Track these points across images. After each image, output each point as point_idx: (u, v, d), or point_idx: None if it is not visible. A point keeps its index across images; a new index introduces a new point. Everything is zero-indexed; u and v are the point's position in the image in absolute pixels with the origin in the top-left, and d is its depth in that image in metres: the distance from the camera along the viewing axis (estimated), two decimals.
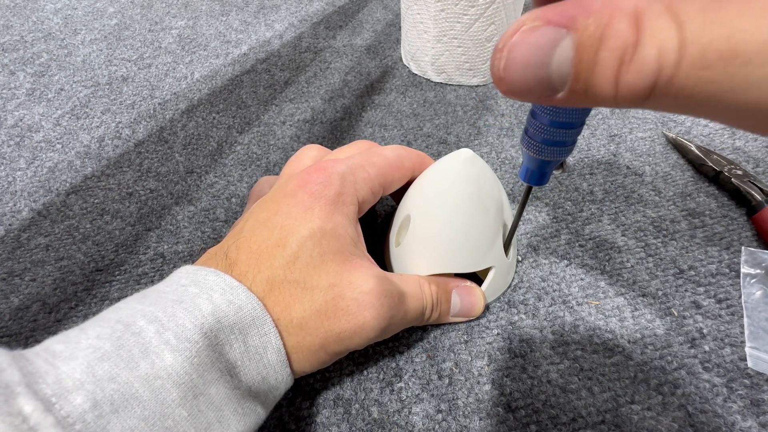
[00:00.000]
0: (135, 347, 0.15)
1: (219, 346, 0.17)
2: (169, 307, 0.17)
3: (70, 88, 0.48)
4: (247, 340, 0.18)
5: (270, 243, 0.20)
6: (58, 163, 0.38)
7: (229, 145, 0.40)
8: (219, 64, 0.52)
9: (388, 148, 0.26)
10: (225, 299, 0.18)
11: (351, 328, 0.19)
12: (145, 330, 0.16)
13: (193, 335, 0.16)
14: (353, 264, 0.20)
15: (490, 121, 0.41)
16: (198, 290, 0.18)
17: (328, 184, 0.22)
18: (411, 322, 0.23)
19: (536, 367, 0.23)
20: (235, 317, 0.17)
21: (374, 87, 0.47)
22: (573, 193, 0.33)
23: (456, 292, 0.24)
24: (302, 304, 0.19)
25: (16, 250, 0.31)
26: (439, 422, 0.22)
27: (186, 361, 0.16)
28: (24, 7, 0.67)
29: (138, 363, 0.15)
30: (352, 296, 0.20)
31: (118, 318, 0.16)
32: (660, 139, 0.38)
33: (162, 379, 0.15)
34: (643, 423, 0.21)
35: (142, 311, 0.17)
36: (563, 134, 0.17)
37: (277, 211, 0.21)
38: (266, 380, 0.18)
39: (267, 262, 0.19)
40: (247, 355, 0.18)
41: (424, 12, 0.43)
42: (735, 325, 0.25)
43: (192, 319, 0.16)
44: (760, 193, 0.30)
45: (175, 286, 0.18)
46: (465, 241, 0.23)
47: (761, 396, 0.22)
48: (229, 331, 0.17)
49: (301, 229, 0.20)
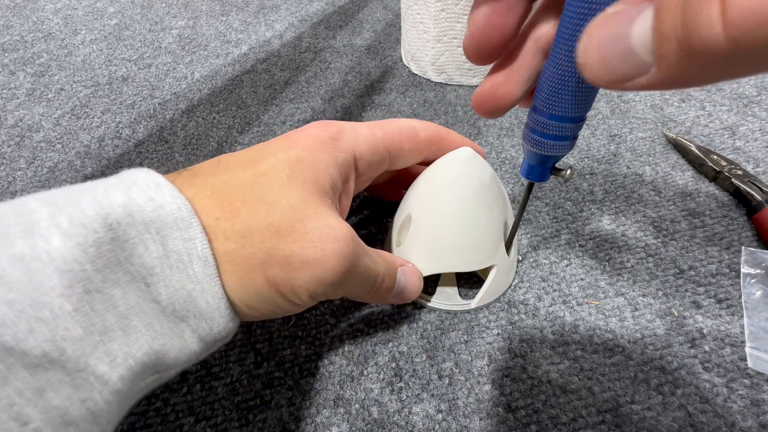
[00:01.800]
0: (15, 226, 0.13)
1: (129, 244, 0.14)
2: (75, 193, 0.14)
3: (70, 88, 0.48)
4: (166, 243, 0.15)
5: (242, 160, 0.19)
6: (58, 163, 0.38)
7: (229, 145, 0.40)
8: (219, 64, 0.52)
9: (404, 119, 0.25)
10: (145, 195, 0.15)
11: (305, 255, 0.17)
12: (36, 211, 0.13)
13: (92, 223, 0.14)
14: (323, 200, 0.19)
15: (490, 121, 0.41)
16: (117, 182, 0.16)
17: (325, 128, 0.21)
18: (359, 287, 0.20)
19: (536, 367, 0.23)
20: (152, 215, 0.15)
21: (374, 87, 0.47)
22: (573, 193, 0.33)
23: (401, 270, 0.23)
24: (254, 214, 0.17)
25: None
26: (439, 422, 0.22)
27: (77, 248, 0.13)
28: (24, 7, 0.67)
29: (14, 242, 0.13)
30: (315, 225, 0.17)
31: (13, 201, 0.14)
32: (660, 139, 0.38)
33: (41, 262, 0.13)
34: (643, 423, 0.21)
35: (42, 195, 0.14)
36: (564, 129, 0.17)
37: (267, 142, 0.20)
38: (193, 299, 0.16)
39: (228, 171, 0.18)
40: (167, 261, 0.15)
41: (424, 12, 0.43)
42: (735, 325, 0.25)
43: (96, 207, 0.14)
44: (760, 193, 0.30)
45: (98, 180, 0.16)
46: (467, 239, 0.23)
47: (761, 396, 0.22)
48: (144, 229, 0.15)
49: (277, 153, 0.19)
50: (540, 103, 0.17)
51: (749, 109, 0.41)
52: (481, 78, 0.46)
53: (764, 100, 0.42)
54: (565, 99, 0.16)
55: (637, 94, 0.44)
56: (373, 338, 0.25)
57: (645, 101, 0.43)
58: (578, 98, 0.16)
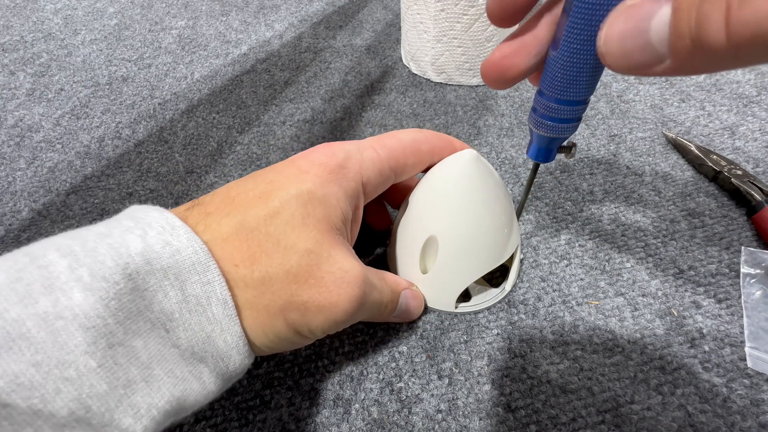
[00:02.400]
0: (37, 281, 0.13)
1: (149, 292, 0.15)
2: (91, 241, 0.14)
3: (70, 88, 0.48)
4: (185, 287, 0.15)
5: (252, 193, 0.18)
6: (58, 163, 0.38)
7: (229, 145, 0.40)
8: (219, 64, 0.52)
9: (404, 131, 0.24)
10: (161, 239, 0.15)
11: (320, 301, 0.18)
12: (55, 264, 0.13)
13: (112, 275, 0.14)
14: (335, 238, 0.19)
15: (490, 121, 0.41)
16: (132, 224, 0.15)
17: (331, 155, 0.20)
18: (369, 315, 0.21)
19: (536, 367, 0.23)
20: (170, 260, 0.15)
21: (374, 87, 0.47)
22: (573, 193, 0.33)
23: (404, 294, 0.23)
24: (271, 260, 0.17)
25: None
26: (439, 422, 0.22)
27: (99, 302, 0.13)
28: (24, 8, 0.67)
29: (37, 299, 0.12)
30: (329, 269, 0.18)
31: (28, 250, 0.14)
32: (660, 139, 0.38)
33: (65, 320, 0.12)
34: (643, 423, 0.21)
35: (58, 244, 0.14)
36: (569, 111, 0.18)
37: (271, 170, 0.20)
38: (212, 340, 0.16)
39: (241, 208, 0.18)
40: (186, 306, 0.15)
41: (424, 12, 0.43)
42: (735, 325, 0.25)
43: (115, 257, 0.14)
44: (760, 193, 0.30)
45: (110, 220, 0.16)
46: (492, 240, 0.24)
47: (761, 396, 0.22)
48: (162, 276, 0.15)
49: (289, 187, 0.18)
50: (546, 87, 0.18)
51: (749, 109, 0.41)
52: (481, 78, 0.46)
53: (764, 100, 0.42)
54: (571, 84, 0.17)
55: (637, 94, 0.44)
56: (373, 338, 0.25)
57: (645, 101, 0.43)
58: (584, 83, 0.17)
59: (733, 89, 0.43)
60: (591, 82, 0.17)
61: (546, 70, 0.17)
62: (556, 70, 0.17)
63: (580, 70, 0.16)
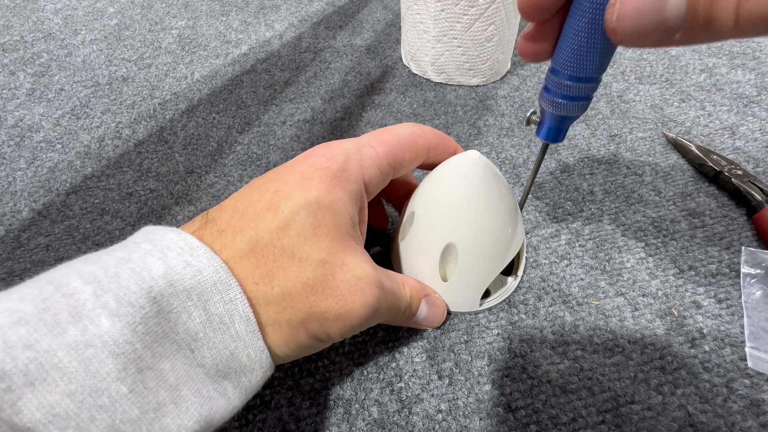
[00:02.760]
0: (64, 310, 0.13)
1: (173, 314, 0.15)
2: (113, 266, 0.14)
3: (70, 88, 0.48)
4: (208, 307, 0.16)
5: (260, 206, 0.18)
6: (58, 163, 0.38)
7: (229, 145, 0.40)
8: (219, 64, 0.52)
9: (400, 125, 0.24)
10: (181, 260, 0.15)
11: (337, 309, 0.18)
12: (80, 291, 0.13)
13: (138, 299, 0.14)
14: (348, 245, 0.19)
15: (490, 121, 0.41)
16: (151, 247, 0.16)
17: (331, 158, 0.20)
18: (386, 319, 0.22)
19: (536, 367, 0.23)
20: (192, 281, 0.15)
21: (374, 87, 0.47)
22: (573, 193, 0.33)
23: (425, 300, 0.23)
24: (288, 274, 0.17)
25: (16, 250, 0.31)
26: (439, 422, 0.22)
27: (127, 328, 0.13)
28: (24, 8, 0.67)
29: (65, 329, 0.13)
30: (343, 278, 0.18)
31: (51, 278, 0.14)
32: (660, 139, 0.38)
33: (95, 348, 0.13)
34: (643, 423, 0.21)
35: (80, 270, 0.14)
36: (581, 89, 0.18)
37: (273, 178, 0.20)
38: (236, 356, 0.16)
39: (252, 223, 0.18)
40: (210, 325, 0.16)
41: (424, 12, 0.43)
42: (735, 325, 0.25)
43: (138, 281, 0.14)
44: (760, 193, 0.30)
45: (127, 244, 0.16)
46: (505, 240, 0.24)
47: (761, 396, 0.22)
48: (186, 297, 0.15)
49: (296, 197, 0.18)
50: (559, 64, 0.18)
51: (749, 109, 0.41)
52: (482, 78, 0.46)
53: (764, 100, 0.42)
54: (585, 61, 0.17)
55: (637, 94, 0.44)
56: (374, 338, 0.25)
57: (645, 101, 0.43)
58: (599, 60, 0.17)
59: (733, 89, 0.43)
60: (604, 58, 0.17)
61: (558, 47, 0.18)
62: (567, 46, 0.17)
63: (590, 45, 0.16)
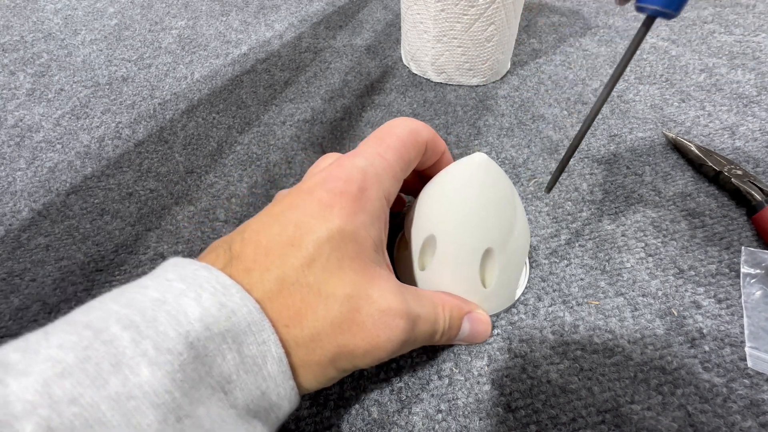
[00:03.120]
0: (105, 359, 0.13)
1: (209, 358, 0.15)
2: (149, 309, 0.15)
3: (70, 88, 0.48)
4: (242, 349, 0.16)
5: (282, 240, 0.18)
6: (58, 164, 0.38)
7: (229, 145, 0.40)
8: (219, 64, 0.52)
9: (396, 124, 0.23)
10: (216, 301, 0.15)
11: (364, 346, 0.18)
12: (119, 338, 0.14)
13: (176, 345, 0.14)
14: (372, 274, 0.19)
15: (490, 121, 0.41)
16: (184, 287, 0.16)
17: (348, 180, 0.19)
18: (420, 344, 0.21)
19: (536, 367, 0.23)
20: (227, 323, 0.15)
21: (374, 87, 0.47)
22: (573, 193, 0.33)
23: (467, 318, 0.23)
24: (316, 314, 0.17)
25: (16, 250, 0.31)
26: (439, 422, 0.22)
27: (166, 376, 0.13)
28: (24, 8, 0.67)
29: (107, 380, 0.13)
30: (368, 312, 0.18)
31: (88, 322, 0.14)
32: (660, 139, 0.38)
33: (136, 400, 0.13)
34: (643, 423, 0.21)
35: (117, 314, 0.14)
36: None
37: (292, 205, 0.19)
38: (266, 395, 0.16)
39: (277, 260, 0.17)
40: (243, 366, 0.16)
41: (424, 12, 0.43)
42: (735, 325, 0.25)
43: (176, 326, 0.14)
44: (760, 193, 0.30)
45: (159, 280, 0.16)
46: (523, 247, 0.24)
47: (761, 396, 0.22)
48: (221, 340, 0.15)
49: (318, 229, 0.18)
50: None
51: (749, 109, 0.41)
52: (482, 78, 0.46)
53: (764, 100, 0.42)
54: None
55: (637, 94, 0.44)
56: None
57: (645, 101, 0.43)
58: None
59: (733, 89, 0.43)
60: None
61: None
62: None
63: None
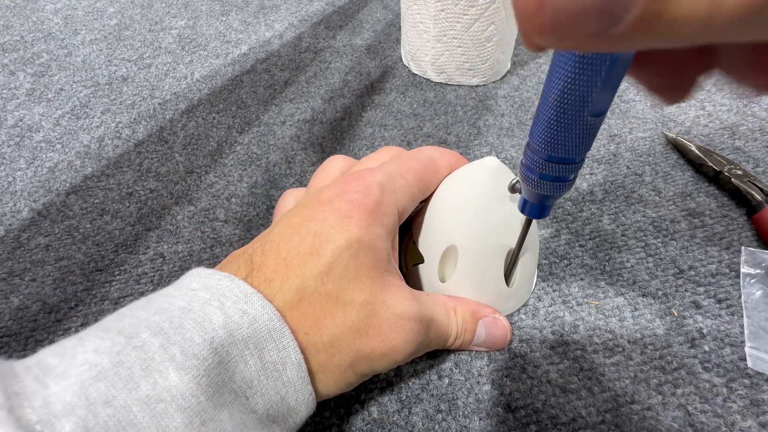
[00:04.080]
0: (136, 364, 0.14)
1: (232, 363, 0.15)
2: (177, 317, 0.15)
3: (70, 88, 0.48)
4: (263, 355, 0.16)
5: (302, 250, 0.19)
6: (58, 163, 0.38)
7: (229, 145, 0.40)
8: (219, 64, 0.52)
9: (420, 150, 0.25)
10: (238, 309, 0.16)
11: (381, 349, 0.19)
12: (149, 343, 0.14)
13: (201, 351, 0.15)
14: (387, 282, 0.20)
15: (490, 121, 0.41)
16: (209, 296, 0.16)
17: (367, 193, 0.20)
18: (434, 347, 0.22)
19: (536, 367, 0.23)
20: (249, 330, 0.16)
21: (374, 87, 0.47)
22: (573, 193, 0.33)
23: (482, 322, 0.23)
24: (334, 320, 0.18)
25: (16, 250, 0.31)
26: (439, 422, 0.22)
27: (193, 381, 0.14)
28: (24, 7, 0.67)
29: (138, 383, 0.14)
30: (384, 317, 0.19)
31: (120, 328, 0.15)
32: (660, 139, 0.38)
33: (165, 403, 0.13)
34: (643, 423, 0.21)
35: (147, 321, 0.15)
36: (564, 169, 0.16)
37: (311, 217, 0.20)
38: (285, 401, 0.17)
39: (297, 270, 0.18)
40: (263, 372, 0.16)
41: (424, 12, 0.43)
42: (735, 325, 0.25)
43: (201, 333, 0.15)
44: (760, 193, 0.30)
45: (184, 290, 0.17)
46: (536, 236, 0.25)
47: (761, 396, 0.22)
48: (243, 346, 0.16)
49: (337, 238, 0.19)
50: (536, 143, 0.15)
51: (749, 109, 0.41)
52: (482, 78, 0.46)
53: (764, 100, 0.42)
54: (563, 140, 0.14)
55: (637, 94, 0.44)
56: None
57: (645, 101, 0.43)
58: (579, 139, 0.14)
59: (733, 89, 0.43)
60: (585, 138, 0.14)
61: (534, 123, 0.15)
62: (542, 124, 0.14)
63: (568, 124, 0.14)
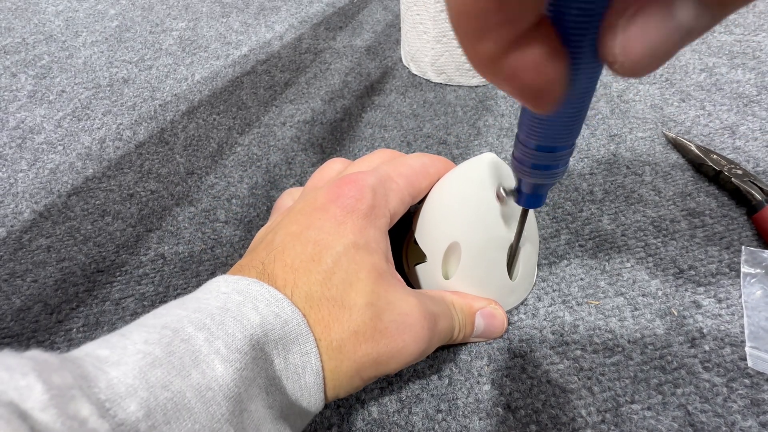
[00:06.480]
0: (186, 355, 0.15)
1: (262, 360, 0.16)
2: (217, 315, 0.16)
3: (71, 89, 0.49)
4: (288, 357, 0.17)
5: (304, 258, 0.19)
6: (59, 165, 0.39)
7: (229, 147, 0.40)
8: (219, 65, 0.52)
9: (412, 156, 0.26)
10: (271, 311, 0.17)
11: (389, 351, 0.19)
12: (195, 337, 0.15)
13: (243, 346, 0.15)
14: (388, 282, 0.20)
15: (490, 121, 0.41)
16: (242, 298, 0.17)
17: (359, 198, 0.21)
18: (440, 343, 0.22)
19: (536, 367, 0.23)
20: (281, 331, 0.17)
21: (374, 88, 0.47)
22: (573, 193, 0.33)
23: (480, 313, 0.24)
24: (341, 324, 0.18)
25: (17, 251, 0.31)
26: (439, 422, 0.22)
27: (236, 373, 0.15)
28: (25, 10, 0.67)
29: (189, 372, 0.14)
30: (390, 318, 0.19)
31: (164, 323, 0.16)
32: (660, 139, 0.38)
33: (213, 391, 0.14)
34: (643, 423, 0.21)
35: (189, 317, 0.16)
36: (552, 158, 0.16)
37: (309, 225, 0.21)
38: (298, 402, 0.18)
39: (303, 277, 0.19)
40: (285, 373, 0.17)
41: (424, 12, 0.43)
42: (735, 325, 0.25)
43: (242, 329, 0.16)
44: (760, 193, 0.30)
45: (215, 293, 0.17)
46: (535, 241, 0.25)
47: (761, 396, 0.22)
48: (274, 346, 0.17)
49: (335, 245, 0.20)
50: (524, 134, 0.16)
51: (749, 109, 0.41)
52: (481, 79, 0.46)
53: (764, 100, 0.42)
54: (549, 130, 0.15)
55: (636, 94, 0.44)
56: None
57: (645, 101, 0.43)
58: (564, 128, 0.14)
59: (733, 89, 0.43)
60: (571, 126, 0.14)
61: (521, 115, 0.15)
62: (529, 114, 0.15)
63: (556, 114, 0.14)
